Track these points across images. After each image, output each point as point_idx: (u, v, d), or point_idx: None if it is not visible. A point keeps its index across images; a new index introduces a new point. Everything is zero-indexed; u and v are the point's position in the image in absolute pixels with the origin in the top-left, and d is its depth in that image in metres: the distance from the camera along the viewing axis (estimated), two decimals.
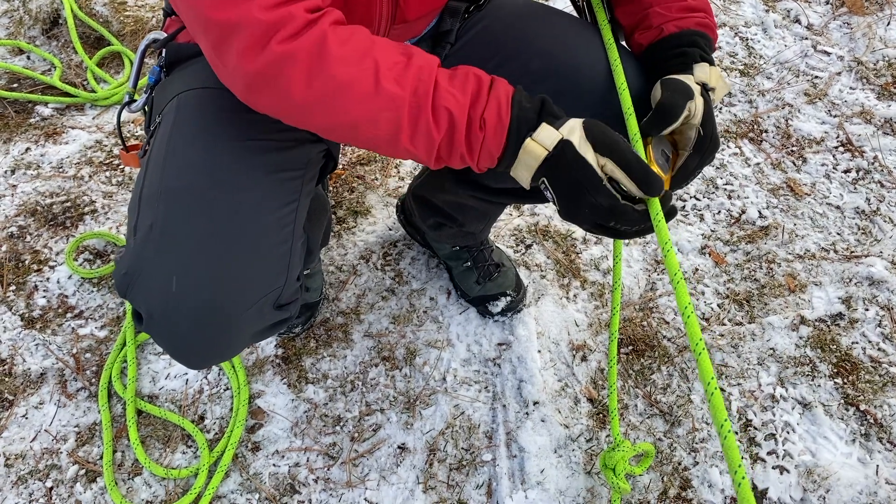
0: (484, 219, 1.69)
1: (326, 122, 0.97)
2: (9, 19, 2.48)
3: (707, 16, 1.18)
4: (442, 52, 1.33)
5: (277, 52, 0.89)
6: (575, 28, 1.25)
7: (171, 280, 1.04)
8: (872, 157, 2.14)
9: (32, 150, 2.13)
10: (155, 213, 1.07)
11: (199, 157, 1.09)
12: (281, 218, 1.13)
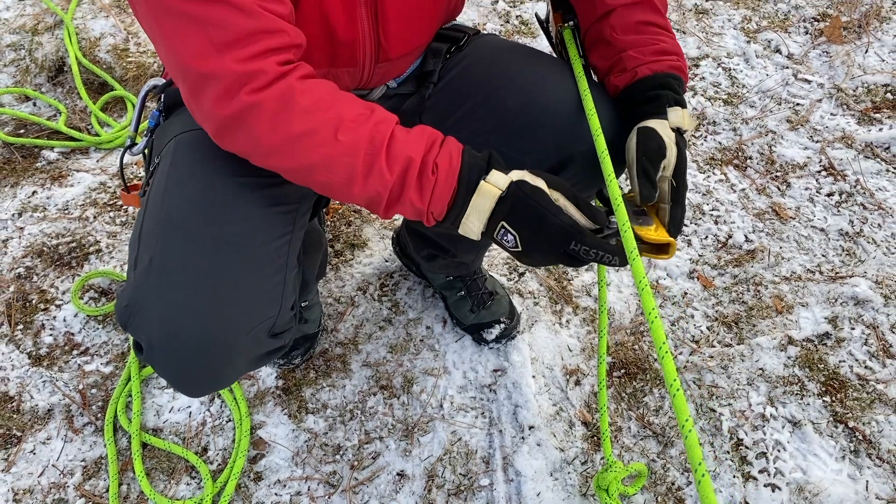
0: (475, 249, 1.75)
1: (287, 165, 1.04)
2: (15, 68, 2.57)
3: (679, 59, 1.23)
4: (426, 91, 1.39)
5: (246, 102, 0.98)
6: (550, 67, 1.31)
7: (169, 311, 1.09)
8: (854, 181, 2.20)
9: (39, 193, 2.19)
10: (153, 248, 1.12)
11: (195, 193, 1.15)
12: (274, 250, 1.18)
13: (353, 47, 1.21)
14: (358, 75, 1.29)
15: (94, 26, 2.65)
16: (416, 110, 1.40)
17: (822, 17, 2.68)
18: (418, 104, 1.40)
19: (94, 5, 2.72)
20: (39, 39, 2.62)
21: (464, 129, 1.31)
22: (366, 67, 1.27)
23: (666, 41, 1.23)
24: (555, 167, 1.27)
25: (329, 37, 1.17)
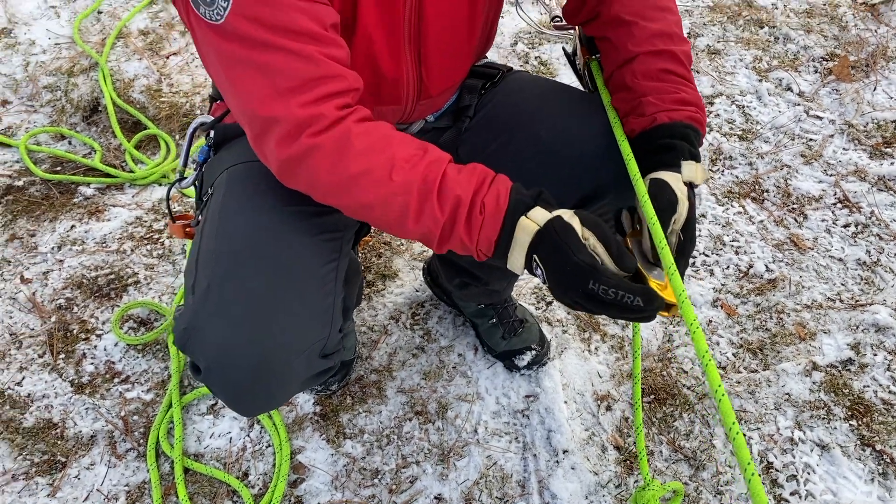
0: (506, 277, 1.80)
1: (345, 202, 1.10)
2: (52, 108, 2.66)
3: (698, 111, 1.24)
4: (462, 125, 1.47)
5: (307, 144, 1.04)
6: (581, 101, 1.38)
7: (225, 334, 1.14)
8: (869, 213, 2.27)
9: (77, 228, 2.26)
10: (211, 274, 1.18)
11: (249, 222, 1.22)
12: (323, 275, 1.24)
13: (397, 86, 1.29)
14: (400, 112, 1.36)
15: (128, 68, 2.75)
16: (453, 143, 1.47)
17: (830, 57, 2.78)
18: (455, 137, 1.47)
19: (128, 48, 2.83)
20: (75, 81, 2.71)
21: (499, 161, 1.37)
22: (408, 104, 1.35)
23: (687, 91, 1.25)
24: (588, 196, 1.34)
25: (376, 77, 1.24)
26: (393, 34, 1.22)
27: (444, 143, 1.46)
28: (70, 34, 2.90)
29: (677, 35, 1.28)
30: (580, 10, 1.36)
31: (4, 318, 2.01)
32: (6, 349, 1.93)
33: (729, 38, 2.85)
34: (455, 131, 1.46)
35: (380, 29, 1.19)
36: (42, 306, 2.04)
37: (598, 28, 1.34)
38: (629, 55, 1.27)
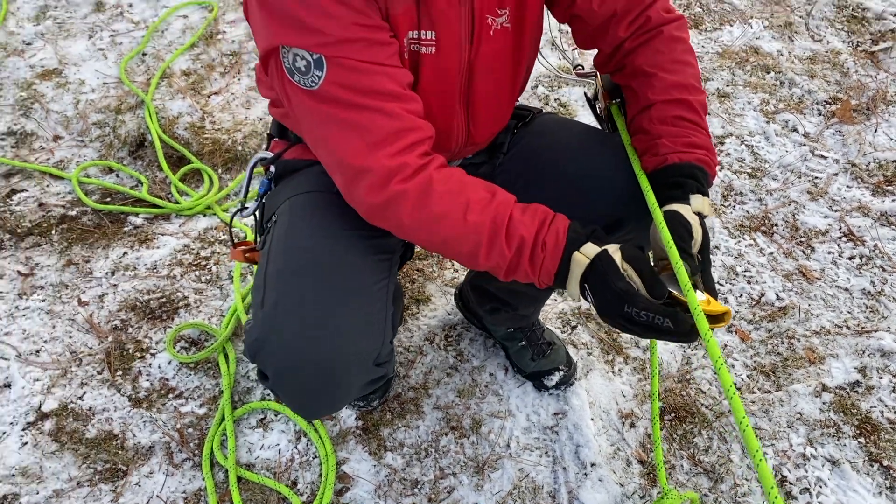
0: (535, 302, 1.94)
1: (424, 239, 1.27)
2: (100, 143, 2.83)
3: (708, 154, 1.37)
4: (496, 161, 1.62)
5: (395, 191, 1.20)
6: (603, 139, 1.54)
7: (292, 344, 1.29)
8: (873, 246, 2.41)
9: (129, 254, 2.41)
10: (278, 290, 1.33)
11: (312, 244, 1.37)
12: (377, 291, 1.39)
13: (448, 137, 1.46)
14: (446, 157, 1.53)
15: (172, 106, 2.92)
16: (488, 176, 1.62)
17: (833, 101, 2.95)
18: (490, 172, 1.63)
19: (172, 88, 3.01)
20: (122, 118, 2.89)
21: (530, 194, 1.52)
22: (455, 150, 1.51)
23: (698, 136, 1.38)
24: (611, 226, 1.48)
25: (435, 130, 1.40)
26: (447, 95, 1.38)
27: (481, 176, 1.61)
28: (117, 74, 3.09)
29: (693, 86, 1.44)
30: (609, 62, 1.52)
31: (65, 337, 2.15)
32: (67, 366, 2.07)
33: (737, 83, 3.03)
34: (490, 166, 1.62)
35: (436, 90, 1.36)
36: (99, 327, 2.18)
37: (623, 78, 1.51)
38: (648, 102, 1.42)
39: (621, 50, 1.47)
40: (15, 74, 3.06)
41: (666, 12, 1.45)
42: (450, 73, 1.36)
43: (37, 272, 2.35)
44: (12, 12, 3.36)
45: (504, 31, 1.38)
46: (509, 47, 1.42)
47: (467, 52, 1.35)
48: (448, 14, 1.28)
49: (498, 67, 1.43)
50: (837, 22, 3.30)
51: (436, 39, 1.30)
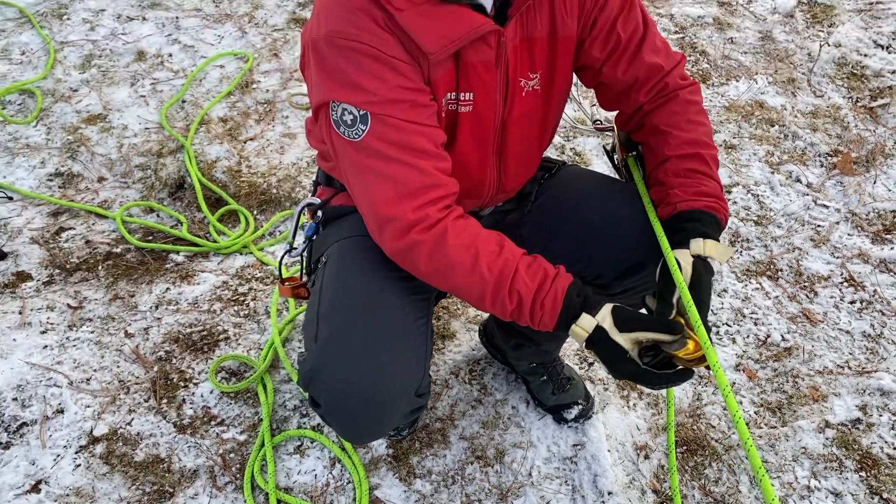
0: (556, 340, 2.08)
1: (437, 283, 1.43)
2: (142, 184, 3.00)
3: (717, 201, 1.49)
4: (525, 209, 1.78)
5: (414, 239, 1.37)
6: (624, 191, 1.68)
7: (345, 374, 1.43)
8: (872, 291, 2.55)
9: (171, 290, 2.56)
10: (331, 325, 1.48)
11: (361, 284, 1.52)
12: (417, 328, 1.54)
13: (482, 184, 1.62)
14: (479, 203, 1.69)
15: (211, 151, 3.11)
16: (517, 223, 1.78)
17: (834, 153, 3.12)
18: (519, 219, 1.78)
19: (210, 133, 3.20)
20: (163, 161, 3.07)
21: (556, 239, 1.69)
22: (486, 199, 1.67)
23: (707, 186, 1.51)
24: (630, 269, 1.63)
25: (465, 179, 1.55)
26: (482, 148, 1.55)
27: (510, 223, 1.77)
28: (158, 120, 3.28)
29: (705, 142, 1.59)
30: (630, 121, 1.69)
31: (113, 367, 2.30)
32: (116, 394, 2.21)
33: (743, 135, 3.20)
34: (519, 214, 1.78)
35: (472, 144, 1.53)
36: (145, 358, 2.33)
37: (642, 135, 1.67)
38: (664, 157, 1.58)
39: (641, 111, 1.63)
40: (62, 119, 3.26)
41: (682, 79, 1.62)
42: (485, 130, 1.53)
43: (85, 305, 2.50)
44: (60, 60, 3.57)
45: (535, 93, 1.55)
46: (539, 107, 1.58)
47: (501, 111, 1.52)
48: (485, 78, 1.45)
49: (528, 125, 1.59)
50: (838, 78, 3.49)
51: (473, 100, 1.47)
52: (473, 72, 1.43)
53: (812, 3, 3.93)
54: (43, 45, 3.66)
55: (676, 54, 1.64)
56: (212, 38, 3.72)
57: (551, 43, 1.51)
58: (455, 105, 1.46)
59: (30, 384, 2.22)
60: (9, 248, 2.69)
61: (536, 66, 1.52)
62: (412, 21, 1.32)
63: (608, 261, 1.63)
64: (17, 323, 2.42)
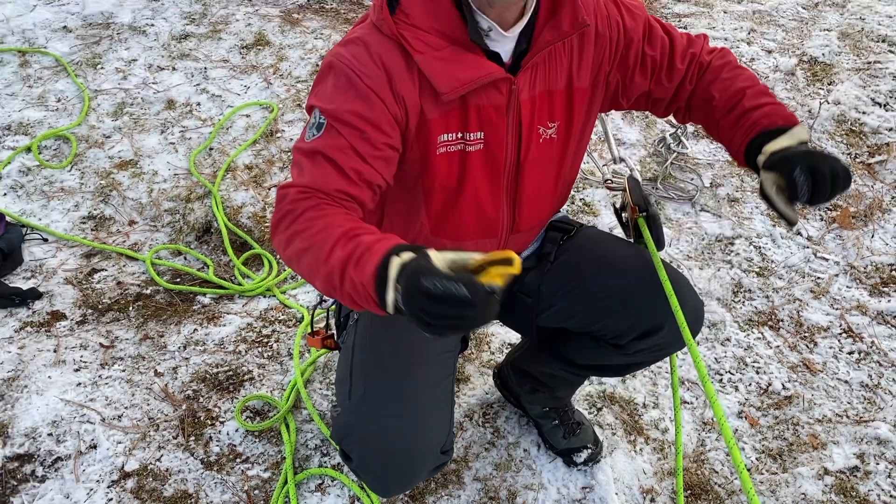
0: (570, 386, 2.19)
1: (299, 272, 1.36)
2: (171, 228, 3.15)
3: (786, 115, 1.55)
4: (545, 268, 1.88)
5: (284, 210, 1.36)
6: (640, 255, 1.79)
7: (377, 432, 1.54)
8: (870, 342, 2.66)
9: (199, 331, 2.69)
10: (365, 384, 1.59)
11: (392, 344, 1.64)
12: (445, 387, 1.66)
13: (495, 222, 1.72)
14: (496, 243, 1.78)
15: (237, 197, 3.26)
16: (537, 281, 1.89)
17: (833, 207, 3.25)
18: (539, 276, 1.89)
19: (236, 180, 3.35)
20: (191, 206, 3.22)
21: (575, 300, 1.80)
22: (502, 237, 1.78)
23: (773, 107, 1.57)
24: (648, 331, 1.73)
25: (479, 214, 1.67)
26: (493, 187, 1.65)
27: (529, 281, 1.88)
28: (186, 166, 3.44)
29: (748, 86, 1.63)
30: (684, 112, 1.78)
31: (143, 404, 2.41)
32: (146, 431, 2.32)
33: (746, 189, 3.34)
34: (539, 272, 1.89)
35: (483, 183, 1.63)
36: (173, 396, 2.44)
37: (693, 116, 1.75)
38: (715, 121, 1.66)
39: (687, 98, 1.74)
40: (95, 164, 3.42)
41: (708, 53, 1.73)
42: (496, 169, 1.63)
43: (117, 344, 2.63)
44: (93, 108, 3.75)
45: (551, 141, 1.66)
46: (555, 154, 1.70)
47: (514, 155, 1.62)
48: (496, 121, 1.56)
49: (544, 170, 1.70)
50: (837, 135, 3.63)
51: (484, 139, 1.57)
52: (485, 114, 1.54)
53: (812, 62, 4.09)
54: (78, 93, 3.84)
55: (698, 37, 1.76)
56: (238, 89, 3.90)
57: (568, 95, 1.64)
58: (462, 144, 1.56)
59: (64, 420, 2.34)
60: (44, 287, 2.83)
61: (555, 116, 1.64)
62: (429, 63, 1.45)
63: (626, 323, 1.74)
64: (53, 360, 2.54)
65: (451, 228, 1.69)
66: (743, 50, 4.19)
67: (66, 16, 4.42)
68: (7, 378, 2.46)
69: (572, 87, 1.63)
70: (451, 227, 1.69)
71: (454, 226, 1.69)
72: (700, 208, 3.24)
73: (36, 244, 3.03)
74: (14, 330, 2.66)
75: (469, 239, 1.73)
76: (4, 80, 3.91)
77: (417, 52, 1.45)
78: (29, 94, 3.83)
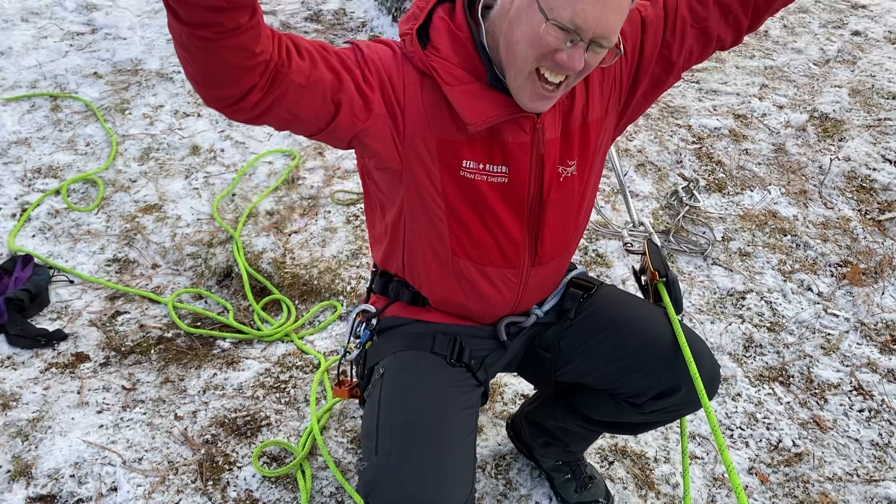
0: (584, 441, 2.22)
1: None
2: (193, 272, 3.23)
3: None
4: (565, 325, 1.93)
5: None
6: (659, 316, 1.86)
7: (404, 488, 1.58)
8: (881, 400, 2.68)
9: (218, 375, 2.75)
10: (391, 441, 1.63)
11: (419, 399, 1.69)
12: (468, 443, 1.71)
13: (517, 251, 1.74)
14: (518, 276, 1.79)
15: (258, 242, 3.34)
16: (557, 337, 1.94)
17: (844, 264, 3.29)
18: (559, 332, 1.94)
19: (257, 226, 3.44)
20: (213, 251, 3.30)
21: (594, 357, 1.85)
22: (524, 270, 1.79)
23: None
24: (664, 392, 1.78)
25: (504, 237, 1.71)
26: (515, 219, 1.69)
27: (549, 336, 1.93)
28: (210, 212, 3.53)
29: None
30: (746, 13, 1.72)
31: (163, 448, 2.46)
32: (165, 474, 2.37)
33: (757, 243, 3.40)
34: (559, 328, 1.93)
35: (505, 214, 1.67)
36: (192, 440, 2.49)
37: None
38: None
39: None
40: (121, 208, 3.53)
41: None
42: (519, 202, 1.68)
43: (138, 387, 2.69)
44: (121, 152, 3.87)
45: (572, 178, 1.73)
46: (577, 190, 1.76)
47: (537, 192, 1.68)
48: (519, 157, 1.63)
49: (566, 206, 1.76)
50: (848, 191, 3.69)
51: (508, 173, 1.64)
52: (509, 150, 1.62)
53: (823, 118, 4.17)
54: (106, 138, 3.97)
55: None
56: (261, 136, 4.02)
57: (584, 131, 1.71)
58: (486, 175, 1.63)
59: (86, 462, 2.39)
60: (69, 329, 2.91)
61: (573, 154, 1.70)
62: (458, 96, 1.54)
63: (644, 382, 1.79)
64: (76, 402, 2.60)
65: (472, 249, 1.72)
66: (755, 105, 4.28)
67: (96, 62, 4.57)
68: (32, 419, 2.52)
69: (587, 122, 1.70)
70: (471, 249, 1.72)
71: (474, 247, 1.72)
72: (712, 262, 3.29)
73: (62, 286, 3.12)
74: (39, 370, 2.73)
75: (491, 265, 1.76)
76: (36, 123, 4.05)
77: (447, 83, 1.54)
78: (59, 138, 3.95)
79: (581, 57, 1.44)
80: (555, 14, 1.39)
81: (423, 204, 1.66)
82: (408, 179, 1.63)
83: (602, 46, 1.46)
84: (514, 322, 1.90)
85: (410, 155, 1.60)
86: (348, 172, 3.80)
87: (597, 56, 1.49)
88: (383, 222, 1.79)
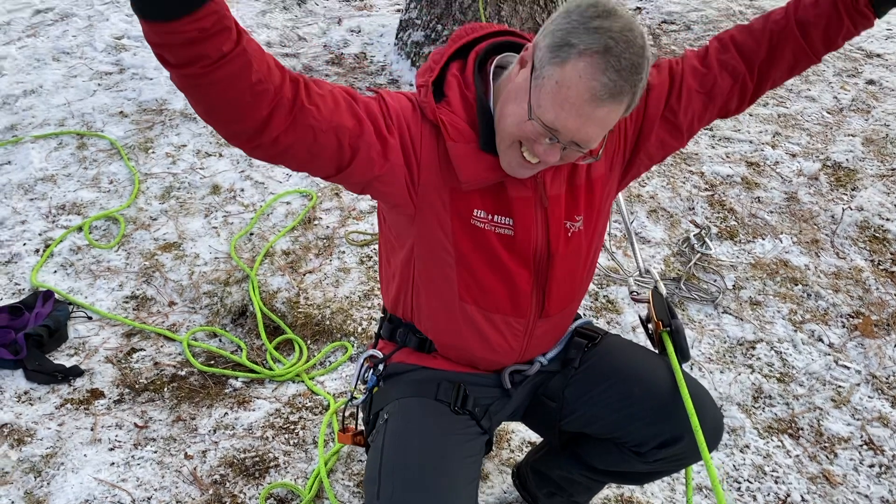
0: (589, 492, 2.23)
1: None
2: (208, 310, 3.29)
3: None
4: (569, 373, 1.96)
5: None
6: (660, 366, 1.88)
7: None
8: (892, 456, 2.66)
9: (229, 415, 2.79)
10: (393, 486, 1.66)
11: (422, 446, 1.71)
12: (472, 491, 1.73)
13: (526, 303, 1.78)
14: (524, 326, 1.82)
15: (273, 282, 3.40)
16: (562, 386, 1.96)
17: (855, 315, 3.28)
18: (564, 380, 1.96)
19: (273, 265, 3.50)
20: (229, 289, 3.36)
21: (597, 408, 1.88)
22: (531, 321, 1.83)
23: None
24: (668, 441, 1.80)
25: (511, 287, 1.74)
26: (522, 271, 1.73)
27: (554, 385, 1.95)
28: (227, 250, 3.60)
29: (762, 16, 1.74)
30: (752, 76, 1.77)
31: (172, 487, 2.50)
32: None
33: (768, 292, 3.40)
34: (563, 376, 1.96)
35: (513, 264, 1.71)
36: (201, 480, 2.52)
37: (770, 58, 1.74)
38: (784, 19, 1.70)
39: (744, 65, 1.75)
40: (141, 245, 3.61)
41: (697, 49, 1.81)
42: (525, 257, 1.72)
43: (150, 425, 2.73)
44: (143, 191, 3.97)
45: (579, 233, 1.77)
46: (584, 244, 1.80)
47: (544, 247, 1.72)
48: (524, 212, 1.68)
49: (574, 261, 1.80)
50: (860, 241, 3.69)
51: (513, 226, 1.69)
52: (513, 203, 1.67)
53: (835, 167, 4.19)
54: (129, 176, 4.07)
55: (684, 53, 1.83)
56: (280, 177, 4.10)
57: (588, 187, 1.75)
58: (493, 226, 1.68)
59: (96, 499, 2.43)
60: (86, 365, 2.96)
61: (580, 209, 1.75)
62: (458, 153, 1.60)
63: (648, 432, 1.82)
64: (89, 439, 2.65)
65: (480, 296, 1.75)
66: (767, 153, 4.30)
67: (123, 101, 4.70)
68: (45, 455, 2.57)
69: (591, 178, 1.75)
70: (479, 295, 1.75)
71: (482, 294, 1.75)
72: (722, 310, 3.30)
73: (81, 322, 3.19)
74: (55, 406, 2.78)
75: (497, 312, 1.79)
76: (63, 161, 4.16)
77: (451, 139, 1.59)
78: (84, 176, 4.06)
79: (557, 153, 1.52)
80: (539, 113, 1.47)
81: (433, 248, 1.71)
82: (419, 223, 1.69)
83: (581, 148, 1.52)
84: (518, 370, 1.93)
85: (423, 203, 1.66)
86: (363, 213, 3.86)
87: (574, 154, 1.55)
88: (394, 262, 1.84)
